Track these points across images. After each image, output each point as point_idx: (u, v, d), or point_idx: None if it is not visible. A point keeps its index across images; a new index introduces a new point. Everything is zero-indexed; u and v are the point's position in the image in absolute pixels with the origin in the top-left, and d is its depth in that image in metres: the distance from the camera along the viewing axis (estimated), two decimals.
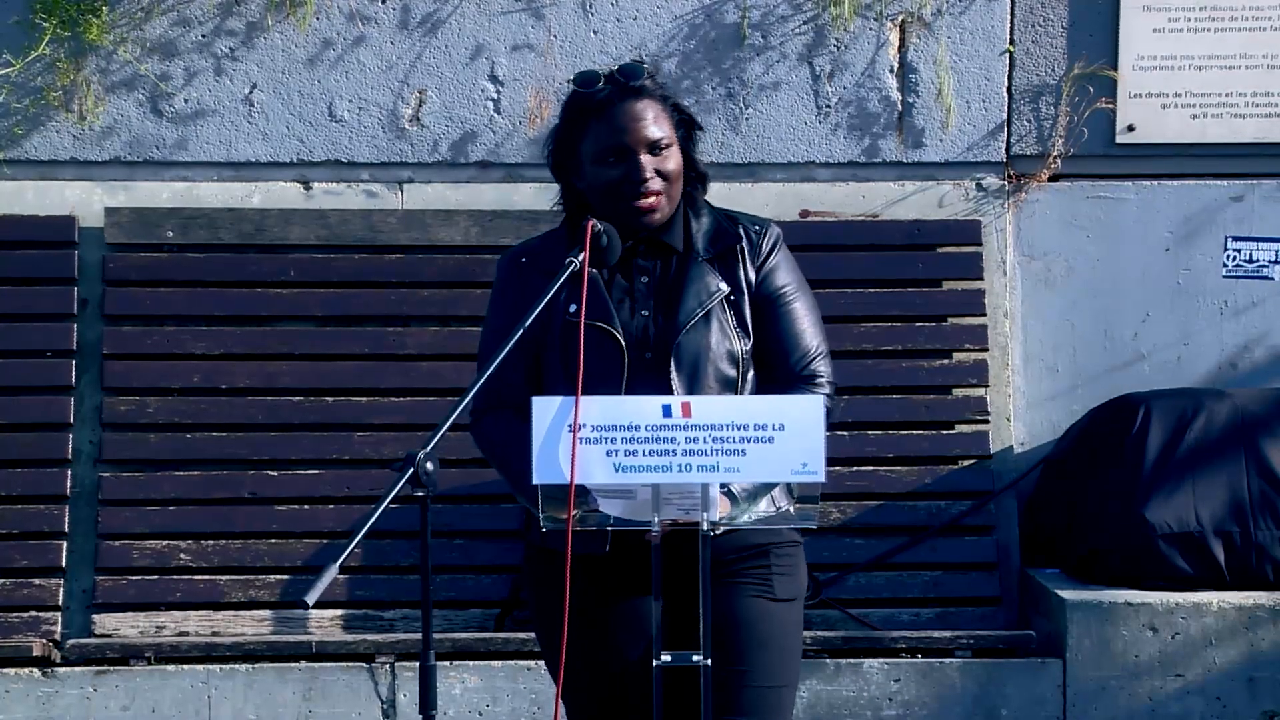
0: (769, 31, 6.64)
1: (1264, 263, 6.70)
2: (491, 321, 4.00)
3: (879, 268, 6.61)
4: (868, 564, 6.28)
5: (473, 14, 6.59)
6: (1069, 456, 6.46)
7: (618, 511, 3.64)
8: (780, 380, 3.92)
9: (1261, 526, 6.08)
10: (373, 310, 6.43)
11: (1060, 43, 6.66)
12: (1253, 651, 5.94)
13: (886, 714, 5.95)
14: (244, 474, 6.26)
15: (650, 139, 3.90)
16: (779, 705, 3.99)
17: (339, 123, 6.61)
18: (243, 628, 6.08)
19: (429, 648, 3.66)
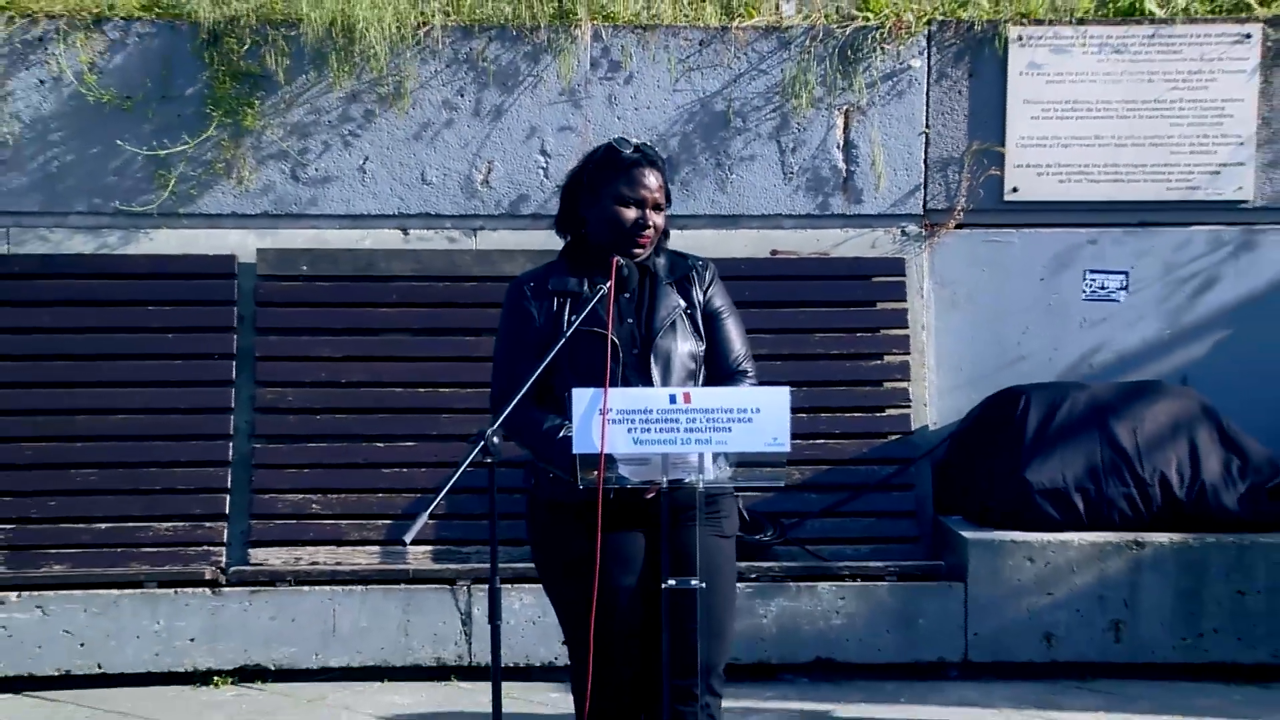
0: (747, 117, 6.67)
1: (1113, 289, 6.70)
2: (507, 332, 4.01)
3: (829, 292, 6.62)
4: (820, 512, 6.29)
5: (528, 105, 6.63)
6: (969, 432, 6.47)
7: (633, 474, 3.68)
8: (720, 374, 3.99)
9: (1110, 484, 6.07)
10: (454, 324, 6.44)
11: (963, 127, 6.67)
12: (1102, 576, 5.95)
13: (835, 623, 5.95)
14: (359, 445, 6.28)
15: (656, 200, 4.00)
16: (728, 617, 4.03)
17: (429, 185, 6.63)
18: (358, 559, 6.10)
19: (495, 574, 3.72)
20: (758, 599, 5.92)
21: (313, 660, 5.90)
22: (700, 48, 6.64)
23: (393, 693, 5.78)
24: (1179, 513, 6.05)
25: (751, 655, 5.82)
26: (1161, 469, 6.08)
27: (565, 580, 3.95)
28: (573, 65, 6.58)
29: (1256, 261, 6.68)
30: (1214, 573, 5.93)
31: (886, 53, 6.61)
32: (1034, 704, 5.65)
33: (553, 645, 5.75)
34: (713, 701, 3.98)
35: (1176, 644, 5.95)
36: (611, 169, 3.97)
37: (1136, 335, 6.69)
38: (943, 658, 5.97)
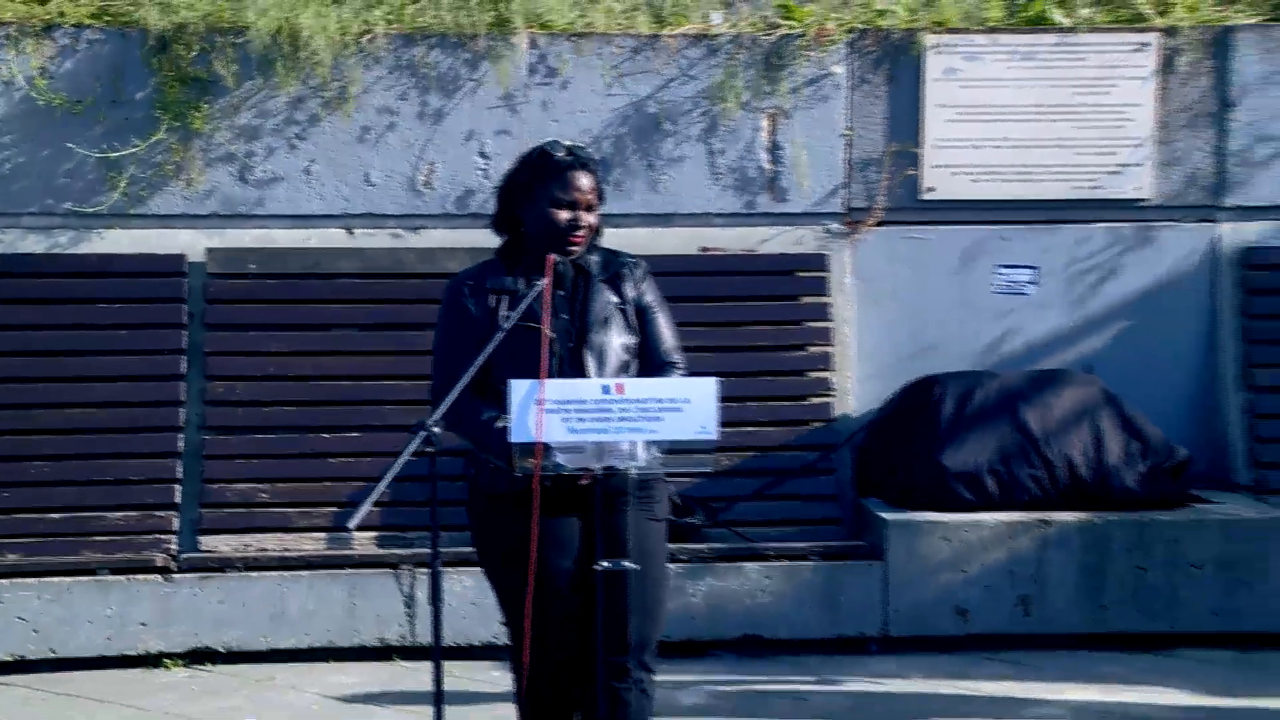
0: (677, 121, 6.61)
1: (1022, 283, 6.70)
2: (446, 327, 3.97)
3: (755, 287, 6.58)
4: (748, 496, 6.25)
5: (468, 109, 6.55)
6: (888, 419, 6.45)
7: (569, 461, 3.63)
8: (652, 366, 3.95)
9: (1019, 467, 6.08)
10: (398, 319, 6.34)
11: (882, 129, 6.64)
12: (1012, 553, 5.94)
13: (761, 601, 5.92)
14: (306, 436, 6.20)
15: (588, 201, 3.95)
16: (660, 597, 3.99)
17: (373, 186, 6.54)
18: (305, 546, 6.01)
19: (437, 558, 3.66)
20: (688, 579, 5.87)
21: (261, 642, 5.80)
22: (632, 55, 6.57)
23: (339, 672, 5.70)
24: (1083, 493, 6.06)
25: (682, 633, 5.77)
26: (1067, 452, 6.08)
27: (504, 564, 3.90)
28: (510, 71, 6.51)
29: (1154, 256, 6.72)
30: (1116, 549, 5.94)
31: (809, 60, 6.58)
32: (949, 675, 5.65)
33: (492, 625, 5.66)
34: (645, 677, 3.94)
35: (1081, 616, 5.95)
36: (545, 172, 3.93)
37: (1044, 326, 6.69)
38: (863, 633, 5.94)
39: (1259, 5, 6.78)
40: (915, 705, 5.33)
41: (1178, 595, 5.91)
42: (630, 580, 3.71)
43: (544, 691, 3.93)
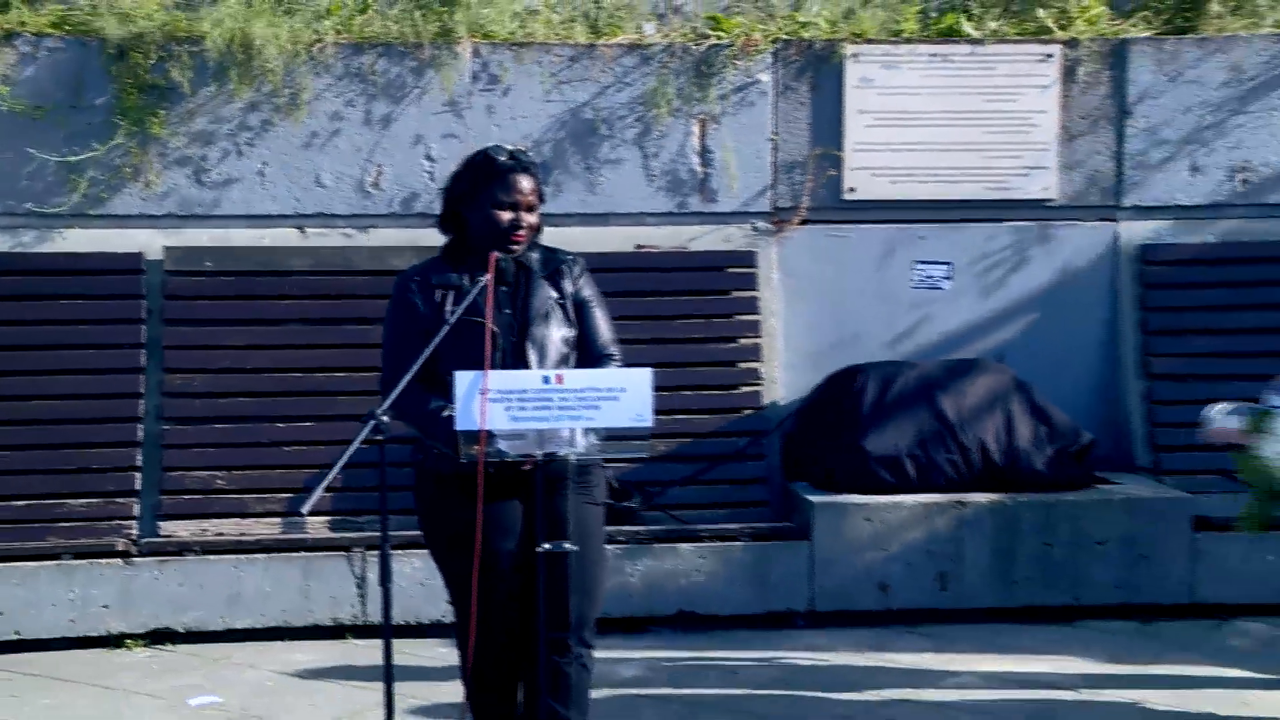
0: (613, 126, 6.64)
1: (938, 278, 6.75)
2: (394, 321, 4.00)
3: (688, 282, 6.61)
4: (682, 480, 6.29)
5: (414, 114, 6.55)
6: (813, 407, 6.49)
7: (511, 448, 3.66)
8: (591, 359, 3.99)
9: (937, 451, 6.14)
10: (348, 314, 6.34)
11: (805, 134, 6.68)
12: (930, 533, 6.01)
13: (695, 579, 5.96)
14: (261, 425, 6.19)
15: (529, 203, 3.98)
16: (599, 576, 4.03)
17: (324, 188, 6.53)
18: (261, 530, 6.01)
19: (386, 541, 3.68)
20: (626, 559, 5.91)
21: (219, 623, 5.80)
22: (570, 63, 6.60)
23: (293, 651, 5.71)
24: (996, 475, 6.13)
25: (621, 610, 5.80)
26: (981, 437, 6.16)
27: (450, 546, 3.94)
28: (454, 79, 6.52)
29: (1059, 252, 6.79)
30: (1025, 527, 6.02)
31: (737, 68, 6.62)
32: (871, 647, 5.72)
33: (440, 605, 5.65)
34: (585, 652, 3.99)
35: (994, 591, 6.03)
36: (488, 175, 3.96)
37: (958, 319, 6.76)
38: (791, 608, 6.00)
39: (1152, 20, 6.88)
40: (840, 676, 5.40)
41: (1083, 571, 6.01)
42: (570, 561, 3.75)
43: (489, 666, 3.96)
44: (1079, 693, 5.21)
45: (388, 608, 3.66)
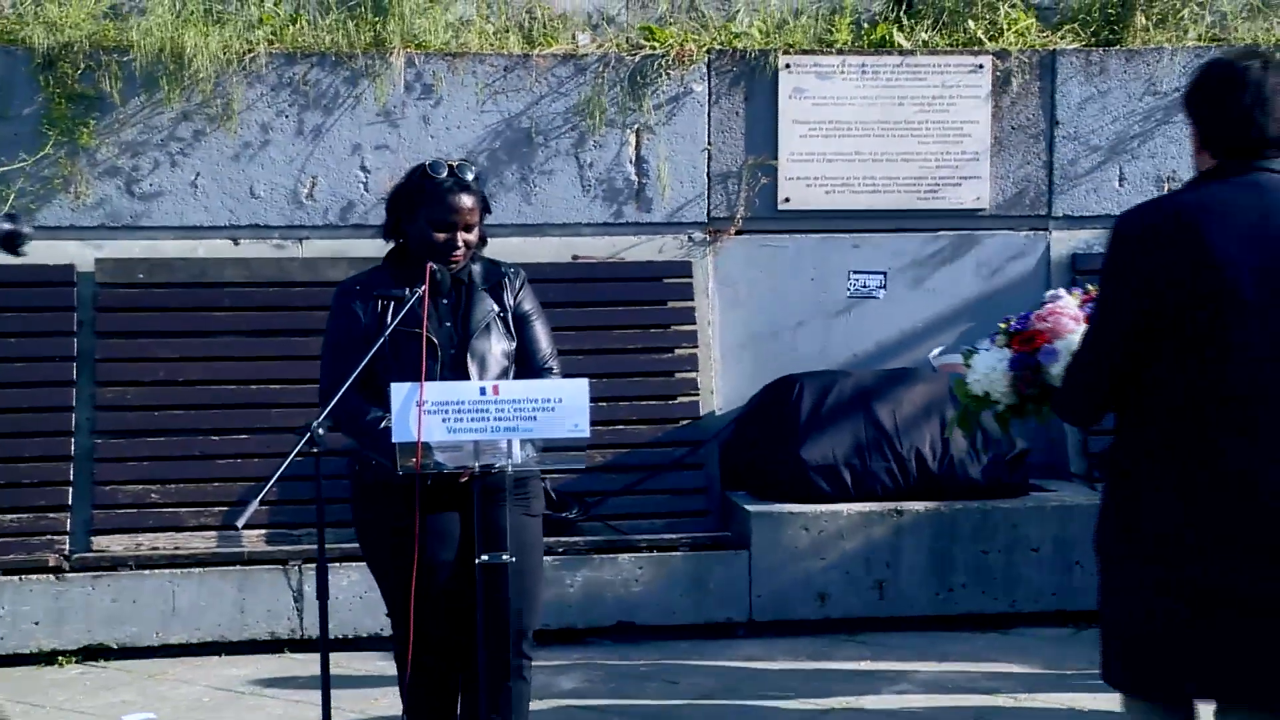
0: (548, 136, 6.63)
1: (873, 287, 6.78)
2: (334, 331, 3.98)
3: (624, 292, 6.61)
4: (620, 491, 6.28)
5: (348, 125, 6.51)
6: (751, 416, 6.50)
7: (448, 459, 3.66)
8: (530, 371, 4.00)
9: (874, 459, 6.16)
10: (282, 326, 6.29)
11: (740, 144, 6.70)
12: (868, 541, 6.04)
13: (635, 589, 5.96)
14: (195, 439, 6.13)
15: (467, 221, 3.97)
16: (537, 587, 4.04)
17: (257, 199, 6.48)
18: (196, 544, 5.95)
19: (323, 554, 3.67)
20: (564, 570, 5.90)
21: (154, 638, 5.74)
22: (505, 73, 6.59)
23: (229, 665, 5.66)
24: (932, 484, 6.17)
25: (559, 621, 5.80)
26: (917, 445, 6.20)
27: (388, 557, 3.93)
28: (388, 89, 6.49)
29: (992, 261, 6.86)
30: (962, 534, 6.07)
31: (671, 78, 6.64)
32: (810, 656, 5.74)
33: (378, 618, 5.63)
34: (524, 663, 3.99)
35: (931, 598, 6.08)
36: (424, 193, 3.95)
37: (894, 327, 6.80)
38: (730, 618, 6.01)
39: (1080, 33, 6.97)
40: (779, 684, 5.41)
41: (1019, 577, 6.06)
42: (508, 572, 3.75)
43: (428, 678, 3.95)
44: (1016, 698, 5.25)
45: (324, 621, 3.65)
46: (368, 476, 3.93)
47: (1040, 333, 3.55)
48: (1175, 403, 3.16)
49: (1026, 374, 3.53)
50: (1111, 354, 3.23)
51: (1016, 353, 3.56)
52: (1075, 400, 3.35)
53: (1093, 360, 3.28)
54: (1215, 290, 3.13)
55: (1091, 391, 3.30)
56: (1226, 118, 3.24)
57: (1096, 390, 3.28)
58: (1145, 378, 3.20)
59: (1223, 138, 3.26)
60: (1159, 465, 3.18)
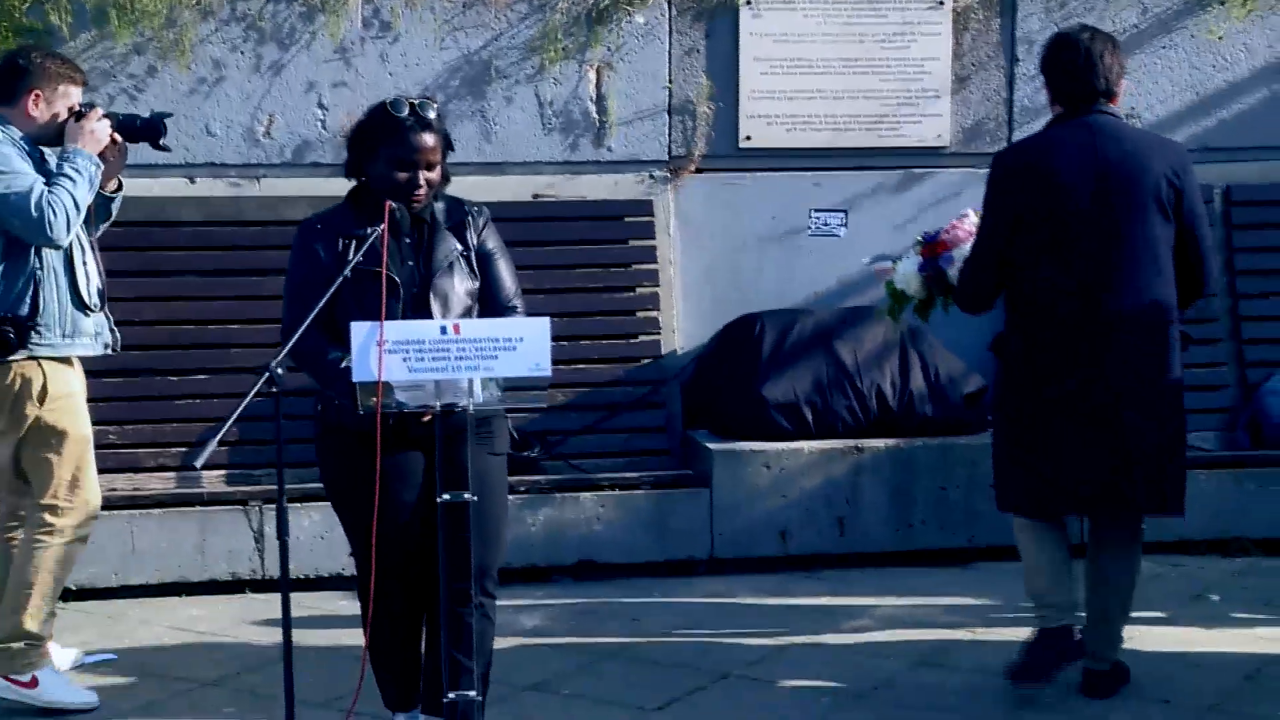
0: (509, 73, 6.58)
1: (834, 225, 6.78)
2: (295, 271, 3.95)
3: (586, 231, 6.58)
4: (582, 430, 6.29)
5: (305, 61, 6.44)
6: (712, 355, 6.51)
7: (410, 399, 3.65)
8: (494, 311, 3.97)
9: (834, 398, 6.20)
10: (240, 265, 6.24)
11: (701, 81, 6.66)
12: (828, 478, 6.08)
13: (596, 528, 5.98)
14: (153, 379, 6.08)
15: (429, 160, 3.93)
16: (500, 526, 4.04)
17: (214, 137, 6.41)
18: (155, 485, 5.93)
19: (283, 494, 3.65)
20: (527, 509, 5.91)
21: (113, 579, 5.71)
22: (464, 9, 6.52)
23: (190, 606, 5.64)
24: (892, 421, 6.22)
25: (522, 560, 5.81)
26: (878, 383, 6.24)
27: (351, 497, 3.91)
28: (345, 25, 6.41)
29: (953, 198, 6.77)
30: (921, 471, 6.12)
31: (631, 14, 6.58)
32: (771, 593, 5.78)
33: (340, 558, 5.64)
34: (487, 601, 3.99)
35: (891, 535, 6.13)
36: (385, 131, 3.91)
37: (856, 266, 6.72)
38: (692, 556, 6.04)
39: None
40: (741, 620, 5.45)
41: (977, 512, 6.10)
42: (471, 511, 3.73)
43: (391, 618, 3.97)
44: (974, 632, 5.31)
45: (285, 561, 3.63)
46: (330, 418, 3.91)
47: (944, 243, 4.73)
48: (1039, 286, 4.38)
49: (932, 274, 4.73)
50: (991, 255, 4.45)
51: (925, 258, 4.75)
52: (968, 292, 4.57)
53: (978, 261, 4.50)
54: (1060, 203, 4.35)
55: (979, 284, 4.52)
56: (1065, 76, 4.41)
57: (982, 284, 4.51)
58: (1019, 275, 4.42)
59: (1064, 92, 4.43)
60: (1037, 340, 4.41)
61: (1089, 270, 4.33)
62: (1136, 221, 4.34)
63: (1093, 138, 4.36)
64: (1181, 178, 4.40)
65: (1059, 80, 4.44)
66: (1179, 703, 4.61)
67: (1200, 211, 4.48)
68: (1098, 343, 4.35)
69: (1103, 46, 4.42)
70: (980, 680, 4.83)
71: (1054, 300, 4.36)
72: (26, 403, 4.54)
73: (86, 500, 4.67)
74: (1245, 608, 5.52)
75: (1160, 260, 4.38)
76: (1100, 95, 4.39)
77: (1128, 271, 4.34)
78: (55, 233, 4.45)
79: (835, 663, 5.01)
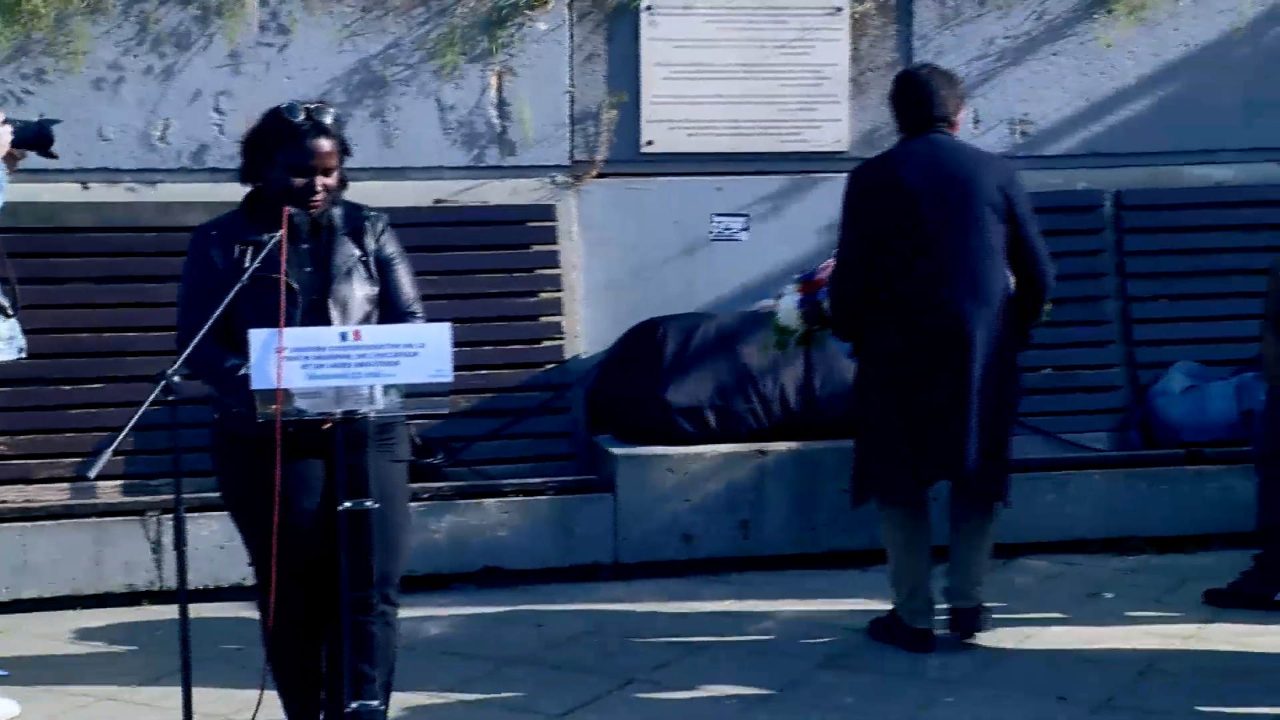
0: (409, 78, 6.54)
1: (736, 230, 6.81)
2: (191, 277, 3.91)
3: (487, 237, 6.57)
4: (485, 435, 6.26)
5: (201, 65, 6.36)
6: (616, 360, 6.50)
7: (310, 406, 3.62)
8: (394, 317, 3.94)
9: (737, 401, 6.22)
10: (136, 272, 6.14)
11: (603, 87, 6.68)
12: (732, 482, 6.10)
13: (500, 535, 5.96)
14: (45, 389, 5.97)
15: (326, 165, 3.90)
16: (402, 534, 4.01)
17: (107, 141, 6.31)
18: (48, 496, 5.82)
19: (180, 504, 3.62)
20: (430, 516, 5.88)
21: (4, 593, 5.60)
22: (362, 14, 6.49)
23: (86, 618, 5.55)
24: (796, 424, 6.25)
25: (426, 567, 5.78)
26: (781, 386, 6.27)
27: (250, 506, 3.87)
28: (241, 29, 6.34)
29: None
30: (824, 474, 6.15)
31: (532, 19, 6.57)
32: (676, 597, 5.79)
33: (240, 567, 5.54)
34: (389, 610, 3.96)
35: (795, 537, 6.16)
36: (281, 137, 3.88)
37: (757, 270, 6.80)
38: (597, 561, 6.04)
39: None
40: (646, 625, 5.46)
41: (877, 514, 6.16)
42: (372, 518, 3.72)
43: (292, 627, 3.93)
44: None
45: (183, 571, 3.60)
46: (228, 425, 3.87)
47: (820, 280, 5.25)
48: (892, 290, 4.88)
49: (809, 308, 5.26)
50: (853, 264, 4.96)
51: (803, 294, 5.29)
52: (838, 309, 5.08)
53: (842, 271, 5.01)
54: (910, 209, 4.88)
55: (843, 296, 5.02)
56: (910, 105, 5.03)
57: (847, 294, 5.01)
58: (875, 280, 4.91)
59: (909, 119, 5.02)
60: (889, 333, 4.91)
61: (934, 269, 4.85)
62: (974, 225, 4.87)
63: (934, 150, 4.96)
64: (1010, 186, 4.96)
65: (904, 109, 5.05)
66: (1075, 698, 4.70)
67: (1030, 215, 4.99)
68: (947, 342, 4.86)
69: (941, 81, 5.06)
70: (884, 681, 4.88)
71: (907, 301, 4.87)
72: None
73: None
74: (1138, 605, 5.64)
75: (998, 261, 4.92)
76: (939, 120, 4.98)
77: (970, 271, 4.87)
78: None
79: (742, 665, 5.03)
